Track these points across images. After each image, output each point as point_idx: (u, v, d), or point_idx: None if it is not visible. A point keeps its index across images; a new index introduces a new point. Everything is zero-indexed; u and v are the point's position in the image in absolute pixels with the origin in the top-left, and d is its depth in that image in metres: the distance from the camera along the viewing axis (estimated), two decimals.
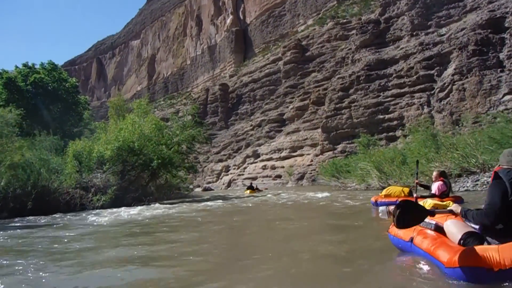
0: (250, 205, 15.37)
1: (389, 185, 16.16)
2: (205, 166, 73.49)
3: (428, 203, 5.30)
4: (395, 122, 40.33)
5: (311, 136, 53.93)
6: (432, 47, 39.94)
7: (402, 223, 3.77)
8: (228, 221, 9.83)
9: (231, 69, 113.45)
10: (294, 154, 54.60)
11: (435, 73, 38.36)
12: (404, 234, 4.13)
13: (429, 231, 3.85)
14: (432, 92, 38.10)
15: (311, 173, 45.93)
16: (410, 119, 38.77)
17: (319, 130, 49.67)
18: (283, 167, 53.87)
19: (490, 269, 2.84)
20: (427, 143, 16.99)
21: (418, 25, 44.20)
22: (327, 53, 72.24)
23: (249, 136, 71.08)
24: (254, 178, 56.26)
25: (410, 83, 40.18)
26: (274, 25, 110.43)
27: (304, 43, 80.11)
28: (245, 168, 62.32)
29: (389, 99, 41.59)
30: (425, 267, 3.57)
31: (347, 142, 44.24)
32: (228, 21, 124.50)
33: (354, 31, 63.13)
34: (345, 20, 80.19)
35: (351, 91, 45.14)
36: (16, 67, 36.15)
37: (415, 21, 44.48)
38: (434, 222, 3.93)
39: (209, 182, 66.30)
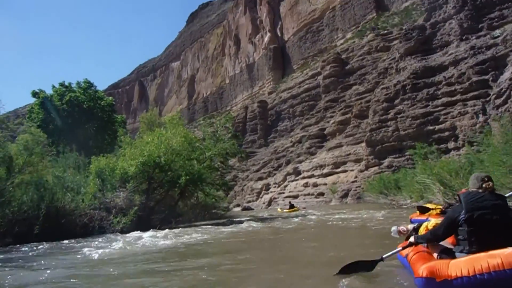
0: (291, 226, 13.42)
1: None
2: (245, 185, 71.94)
3: (431, 223, 5.09)
4: (446, 133, 37.22)
5: (355, 151, 51.27)
6: (485, 51, 36.86)
7: (343, 272, 4.65)
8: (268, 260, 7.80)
9: (270, 86, 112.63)
10: (337, 170, 52.02)
11: (490, 78, 35.19)
12: (404, 251, 4.62)
13: (423, 249, 4.35)
14: (488, 99, 34.87)
15: (356, 190, 43.23)
16: (464, 129, 35.65)
17: (363, 144, 47.09)
18: (325, 184, 51.37)
19: (434, 279, 3.49)
20: (507, 149, 13.88)
21: (468, 29, 41.20)
22: (368, 65, 69.70)
23: (289, 153, 69.10)
24: (296, 196, 54.06)
25: (462, 90, 37.13)
26: (312, 41, 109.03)
27: (343, 56, 78.04)
28: (285, 186, 60.18)
29: (439, 108, 38.61)
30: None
31: (394, 156, 41.41)
32: (266, 39, 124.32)
33: (396, 42, 60.69)
34: (385, 31, 77.78)
35: (397, 101, 42.45)
36: (53, 86, 36.17)
37: (464, 25, 41.50)
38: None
39: (249, 201, 64.50)
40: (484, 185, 3.83)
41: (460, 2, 43.30)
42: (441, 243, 4.22)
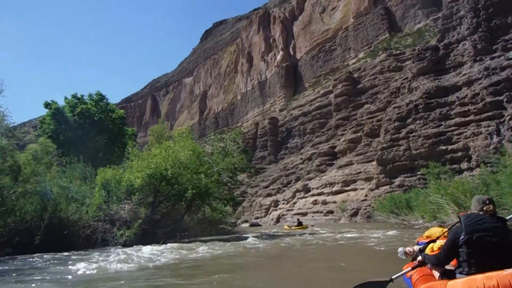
0: (299, 244, 13.10)
1: None
2: (254, 201, 71.45)
3: (436, 244, 5.19)
4: (459, 154, 36.61)
5: (365, 169, 50.74)
6: (499, 72, 36.46)
7: None
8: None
9: (281, 104, 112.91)
10: (347, 188, 51.43)
11: (505, 99, 34.70)
12: (409, 273, 4.62)
13: (427, 270, 4.42)
14: (502, 120, 34.36)
15: (365, 209, 42.58)
16: (477, 149, 35.05)
17: (374, 163, 46.57)
18: (335, 202, 50.76)
19: None
20: None
21: (481, 50, 40.91)
22: (380, 85, 69.60)
23: (299, 170, 68.68)
24: (305, 214, 53.47)
25: (475, 110, 36.65)
26: (325, 60, 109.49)
27: (355, 75, 78.09)
28: (294, 203, 59.60)
29: (452, 128, 38.10)
30: None
31: (406, 175, 40.79)
32: (279, 57, 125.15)
33: (408, 62, 60.64)
34: (398, 52, 77.92)
35: (409, 120, 42.03)
36: (66, 98, 36.48)
37: (478, 46, 41.24)
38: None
39: (257, 217, 63.92)
40: (484, 208, 3.90)
41: (474, 24, 43.13)
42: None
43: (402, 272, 4.69)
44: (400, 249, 5.33)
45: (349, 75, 77.48)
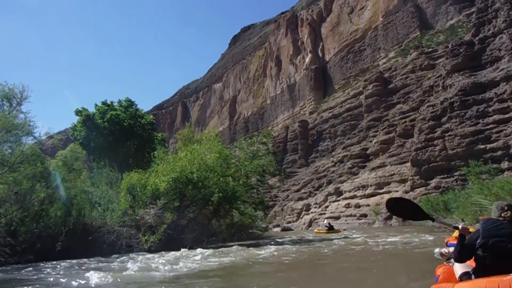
0: (332, 250, 12.50)
1: None
2: (285, 205, 70.78)
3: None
4: (499, 152, 34.90)
5: (399, 171, 49.25)
6: None
7: (394, 212, 5.03)
8: None
9: (311, 106, 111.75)
10: (381, 191, 50.05)
11: None
12: (438, 270, 4.76)
13: (451, 269, 4.50)
14: None
15: None
16: None
17: (408, 164, 45.15)
18: (368, 205, 49.49)
19: None
20: None
21: None
22: (412, 84, 67.67)
23: (331, 173, 67.51)
24: (337, 217, 52.43)
25: None
26: (354, 60, 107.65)
27: (386, 75, 76.29)
28: (327, 206, 58.58)
29: (491, 126, 36.43)
30: None
31: (442, 176, 39.28)
32: (307, 59, 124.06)
33: (441, 60, 58.66)
34: (430, 49, 75.56)
35: (444, 119, 40.51)
36: (96, 105, 37.09)
37: None
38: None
39: (289, 222, 63.23)
40: (503, 214, 3.95)
41: (511, 16, 41.22)
42: (461, 267, 4.27)
43: (447, 222, 4.85)
44: (436, 250, 5.58)
45: (379, 75, 75.79)
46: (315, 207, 61.47)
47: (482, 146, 36.22)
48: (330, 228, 30.74)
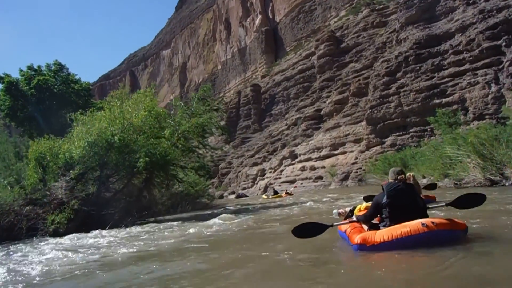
0: (282, 226, 10.15)
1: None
2: (240, 171, 68.69)
3: (363, 205, 6.40)
4: (455, 107, 33.87)
5: (354, 131, 47.99)
6: (496, 14, 33.44)
7: (298, 235, 5.41)
8: None
9: (263, 70, 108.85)
10: (336, 152, 48.78)
11: (503, 44, 31.84)
12: (343, 227, 5.74)
13: (357, 225, 5.53)
14: (501, 66, 31.59)
15: (357, 172, 40.06)
16: (475, 101, 32.40)
17: (363, 123, 43.87)
18: (324, 167, 48.17)
19: (365, 245, 4.68)
20: None
21: None
22: (365, 42, 66.03)
23: (285, 136, 65.76)
24: (293, 181, 50.93)
25: (471, 58, 33.78)
26: (305, 21, 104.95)
27: (338, 34, 74.31)
28: (282, 170, 56.97)
29: (446, 79, 35.29)
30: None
31: (398, 133, 38.21)
32: (257, 21, 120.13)
33: (393, 16, 57.16)
34: (381, 6, 74.07)
35: (399, 74, 39.05)
36: (21, 70, 32.58)
37: None
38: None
39: (244, 188, 61.27)
40: (399, 177, 5.15)
41: None
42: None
43: (340, 222, 5.76)
44: (335, 211, 6.87)
45: (331, 35, 73.63)
46: (270, 172, 59.78)
47: (437, 101, 35.13)
48: (275, 193, 33.12)
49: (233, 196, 54.10)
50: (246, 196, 50.54)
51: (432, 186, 11.17)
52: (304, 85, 77.47)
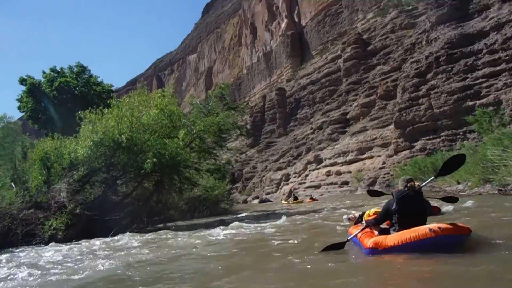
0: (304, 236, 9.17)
1: None
2: (264, 176, 67.73)
3: (372, 210, 6.87)
4: (490, 108, 31.92)
5: (381, 134, 46.36)
6: None
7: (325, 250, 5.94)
8: None
9: (288, 74, 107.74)
10: (362, 156, 47.23)
11: None
12: (352, 231, 6.43)
13: (368, 230, 5.99)
14: None
15: (384, 177, 38.49)
16: (511, 102, 30.49)
17: (391, 127, 42.22)
18: (350, 172, 46.69)
19: (377, 248, 5.12)
20: None
21: None
22: (393, 44, 64.19)
23: (310, 141, 64.43)
24: (318, 186, 49.66)
25: (507, 58, 31.86)
26: (331, 24, 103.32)
27: (365, 36, 72.67)
28: (306, 175, 55.67)
29: (480, 80, 33.43)
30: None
31: (428, 137, 36.45)
32: (283, 25, 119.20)
33: (422, 18, 55.30)
34: (410, 7, 72.06)
35: (429, 75, 37.33)
36: (43, 72, 32.78)
37: None
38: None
39: (268, 193, 60.30)
40: (408, 185, 5.55)
41: None
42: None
43: (353, 235, 6.13)
44: (345, 216, 7.98)
45: (358, 37, 72.02)
46: (295, 177, 58.57)
47: (471, 103, 33.26)
48: (295, 199, 33.11)
49: (256, 201, 53.17)
50: (270, 201, 49.52)
51: (453, 200, 8.60)
52: (330, 89, 75.94)
